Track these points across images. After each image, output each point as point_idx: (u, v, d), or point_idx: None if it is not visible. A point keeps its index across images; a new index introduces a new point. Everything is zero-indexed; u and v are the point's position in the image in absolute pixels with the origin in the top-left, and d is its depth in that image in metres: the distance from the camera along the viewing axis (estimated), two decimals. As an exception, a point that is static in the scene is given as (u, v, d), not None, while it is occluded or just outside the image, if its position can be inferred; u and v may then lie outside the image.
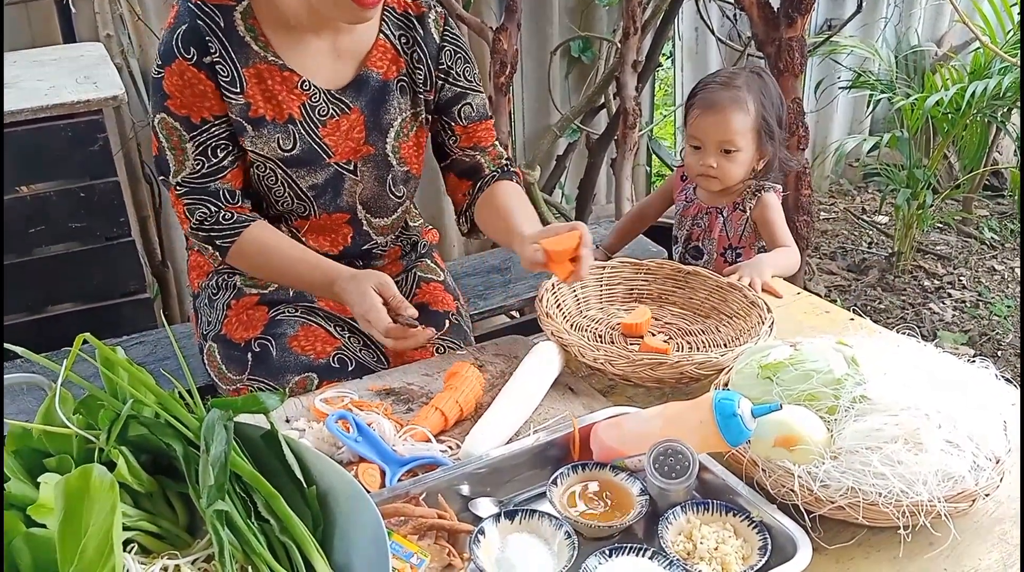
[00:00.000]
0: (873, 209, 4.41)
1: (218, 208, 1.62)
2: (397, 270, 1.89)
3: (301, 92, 1.60)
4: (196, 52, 1.53)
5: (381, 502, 1.13)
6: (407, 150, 1.73)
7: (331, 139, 1.65)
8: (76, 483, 0.84)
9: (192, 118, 1.57)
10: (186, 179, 1.61)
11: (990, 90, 3.47)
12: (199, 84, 1.55)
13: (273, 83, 1.58)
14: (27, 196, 2.28)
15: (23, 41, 2.64)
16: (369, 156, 1.69)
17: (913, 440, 1.14)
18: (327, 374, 1.64)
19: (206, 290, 1.83)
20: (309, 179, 1.66)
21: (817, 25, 4.26)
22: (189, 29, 1.53)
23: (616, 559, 1.07)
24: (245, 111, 1.58)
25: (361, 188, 1.72)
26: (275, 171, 1.64)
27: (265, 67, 1.58)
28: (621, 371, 1.45)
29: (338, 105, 1.63)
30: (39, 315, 2.41)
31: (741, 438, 1.11)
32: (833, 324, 1.67)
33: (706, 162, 2.01)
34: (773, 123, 2.03)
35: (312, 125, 1.62)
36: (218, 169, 1.61)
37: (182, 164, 1.60)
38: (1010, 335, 3.38)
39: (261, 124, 1.59)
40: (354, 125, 1.66)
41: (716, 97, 2.00)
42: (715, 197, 2.11)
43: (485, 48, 3.08)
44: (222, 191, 1.62)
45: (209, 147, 1.59)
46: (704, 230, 2.13)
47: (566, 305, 1.72)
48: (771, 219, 2.05)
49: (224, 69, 1.55)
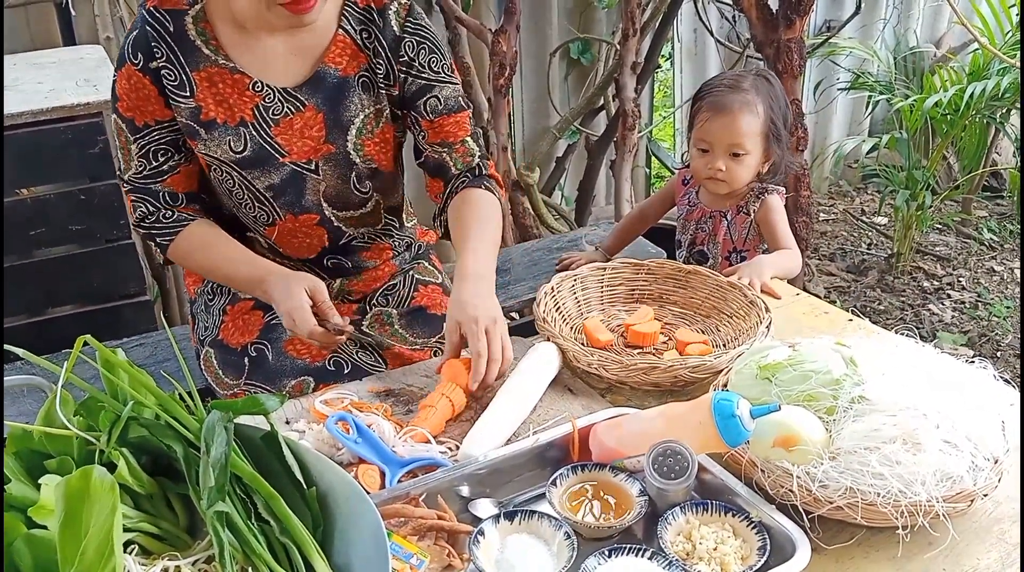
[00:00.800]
0: (872, 210, 4.41)
1: (157, 208, 1.66)
2: (392, 271, 1.89)
3: (253, 94, 1.59)
4: (143, 57, 1.55)
5: (381, 503, 1.13)
6: (371, 147, 1.68)
7: (283, 138, 1.63)
8: (77, 484, 0.85)
9: (136, 121, 1.60)
10: (132, 178, 1.65)
11: (989, 91, 3.47)
12: (143, 89, 1.57)
13: (224, 86, 1.58)
14: (27, 198, 2.28)
15: (23, 44, 2.65)
16: (330, 154, 1.66)
17: (912, 440, 1.14)
18: (323, 377, 1.65)
19: (202, 295, 1.83)
20: (264, 179, 1.65)
21: (816, 26, 4.26)
22: (139, 35, 1.55)
23: (615, 559, 1.07)
24: (196, 114, 1.59)
25: (324, 186, 1.69)
26: (230, 174, 1.65)
27: (216, 70, 1.57)
28: (615, 376, 1.46)
29: (292, 103, 1.61)
30: (39, 317, 2.41)
31: (740, 439, 1.12)
32: (832, 325, 1.67)
33: (714, 165, 1.99)
34: (780, 126, 2.02)
35: (264, 125, 1.61)
36: (158, 172, 1.64)
37: (128, 163, 1.65)
38: (1009, 336, 3.38)
39: (212, 127, 1.60)
40: (310, 123, 1.63)
41: (726, 100, 1.98)
42: (719, 200, 2.11)
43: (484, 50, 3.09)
44: (163, 193, 1.66)
45: (150, 151, 1.62)
46: (708, 234, 2.12)
47: (566, 308, 1.72)
48: (774, 221, 2.05)
49: (171, 74, 1.56)
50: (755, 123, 1.98)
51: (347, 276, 1.82)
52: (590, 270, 1.77)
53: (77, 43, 2.69)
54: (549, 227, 3.45)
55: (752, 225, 2.07)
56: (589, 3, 3.57)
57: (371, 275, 1.85)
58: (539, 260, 2.53)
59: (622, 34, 3.13)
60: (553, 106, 3.68)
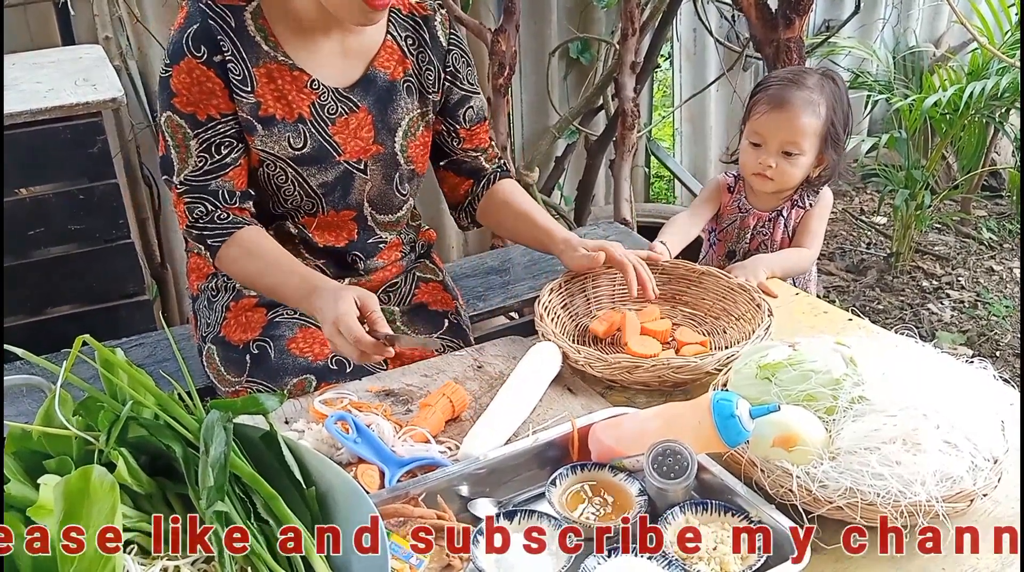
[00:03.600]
0: (871, 210, 4.41)
1: (215, 207, 1.62)
2: (398, 271, 1.89)
3: (310, 91, 1.62)
4: (207, 51, 1.54)
5: (380, 503, 1.13)
6: (414, 149, 1.75)
7: (340, 137, 1.66)
8: (76, 484, 0.85)
9: (198, 115, 1.58)
10: (188, 177, 1.61)
11: (988, 91, 3.47)
12: (208, 82, 1.56)
13: (283, 82, 1.60)
14: (26, 198, 2.28)
15: (22, 43, 2.64)
16: (379, 155, 1.71)
17: (911, 440, 1.14)
18: (325, 376, 1.65)
19: (205, 292, 1.83)
20: (320, 177, 1.67)
21: (815, 26, 4.27)
22: (201, 28, 1.54)
23: (615, 559, 1.07)
24: (256, 110, 1.60)
25: (370, 186, 1.73)
26: (285, 170, 1.65)
27: (275, 66, 1.59)
28: (601, 373, 1.46)
29: (346, 103, 1.65)
30: (38, 317, 2.41)
31: (739, 439, 1.12)
32: (832, 324, 1.67)
33: (765, 161, 1.92)
34: (840, 131, 1.94)
35: (322, 123, 1.64)
36: (221, 166, 1.61)
37: (185, 162, 1.61)
38: (1008, 335, 3.38)
39: (271, 123, 1.61)
40: (362, 123, 1.67)
41: (787, 95, 1.90)
42: (771, 200, 2.03)
43: (484, 50, 3.09)
44: (222, 190, 1.62)
45: (213, 144, 1.60)
46: (768, 235, 2.05)
47: (574, 305, 1.73)
48: (814, 216, 2.01)
49: (236, 68, 1.56)
50: (814, 124, 1.90)
51: (357, 274, 1.83)
52: (602, 268, 1.76)
53: (76, 43, 2.69)
54: (548, 227, 3.45)
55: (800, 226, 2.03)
56: (588, 3, 3.57)
57: (379, 276, 1.86)
58: (538, 260, 2.53)
59: (621, 34, 3.13)
60: (552, 106, 3.68)
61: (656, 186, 4.59)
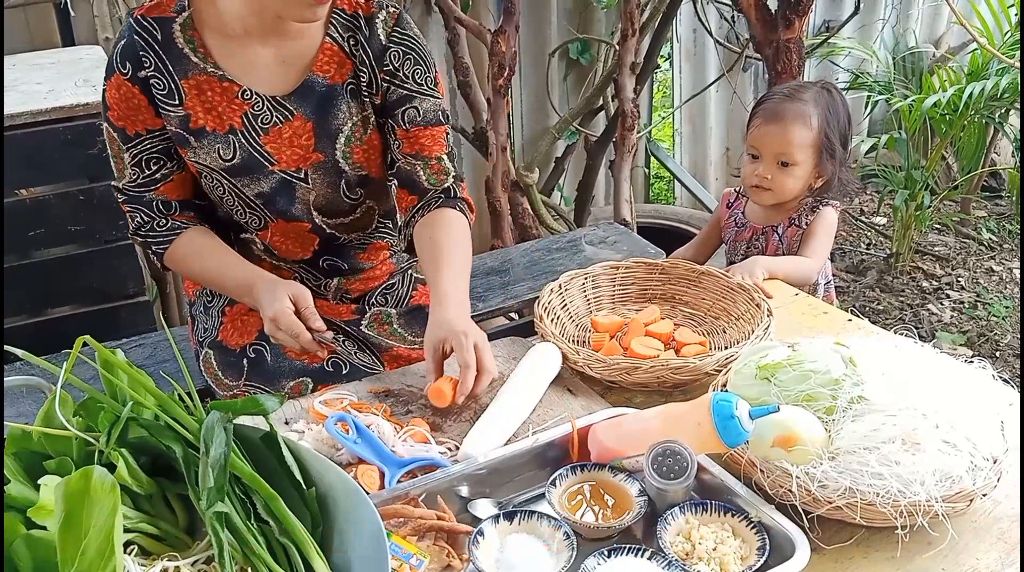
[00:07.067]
0: (871, 210, 4.41)
1: (151, 217, 1.66)
2: (390, 270, 1.89)
3: (243, 102, 1.58)
4: (131, 67, 1.54)
5: (380, 503, 1.13)
6: (360, 154, 1.67)
7: (272, 146, 1.62)
8: (76, 485, 0.85)
9: (128, 130, 1.59)
10: (126, 187, 1.66)
11: (988, 91, 3.47)
12: (133, 98, 1.56)
13: (213, 94, 1.57)
14: (26, 199, 2.28)
15: (22, 44, 2.65)
16: (319, 163, 1.65)
17: (911, 440, 1.14)
18: (322, 378, 1.65)
19: (202, 297, 1.83)
20: (254, 187, 1.65)
21: (815, 26, 4.27)
22: (126, 44, 1.54)
23: (615, 559, 1.07)
24: (186, 123, 1.58)
25: (314, 195, 1.69)
26: (220, 181, 1.64)
27: (204, 78, 1.56)
28: (600, 374, 1.46)
29: (281, 111, 1.60)
30: (39, 317, 2.41)
31: (739, 440, 1.12)
32: (831, 325, 1.67)
33: (761, 172, 1.99)
34: (836, 142, 1.99)
35: (253, 134, 1.60)
36: (151, 181, 1.64)
37: (122, 172, 1.65)
38: (1008, 336, 3.38)
39: (202, 135, 1.59)
40: (299, 132, 1.62)
41: (779, 108, 1.98)
42: (768, 214, 2.08)
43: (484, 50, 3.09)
44: (156, 202, 1.66)
45: (142, 159, 1.62)
46: (761, 250, 2.09)
47: (574, 305, 1.72)
48: (816, 230, 2.03)
49: (160, 83, 1.55)
50: (806, 135, 1.96)
51: (344, 276, 1.82)
52: (602, 269, 1.77)
53: (76, 44, 2.69)
54: (548, 227, 3.45)
55: (803, 238, 2.04)
56: (588, 3, 3.57)
57: (369, 275, 1.85)
58: (538, 260, 2.53)
59: (621, 34, 3.13)
60: (552, 106, 3.68)
61: (656, 187, 4.59)
